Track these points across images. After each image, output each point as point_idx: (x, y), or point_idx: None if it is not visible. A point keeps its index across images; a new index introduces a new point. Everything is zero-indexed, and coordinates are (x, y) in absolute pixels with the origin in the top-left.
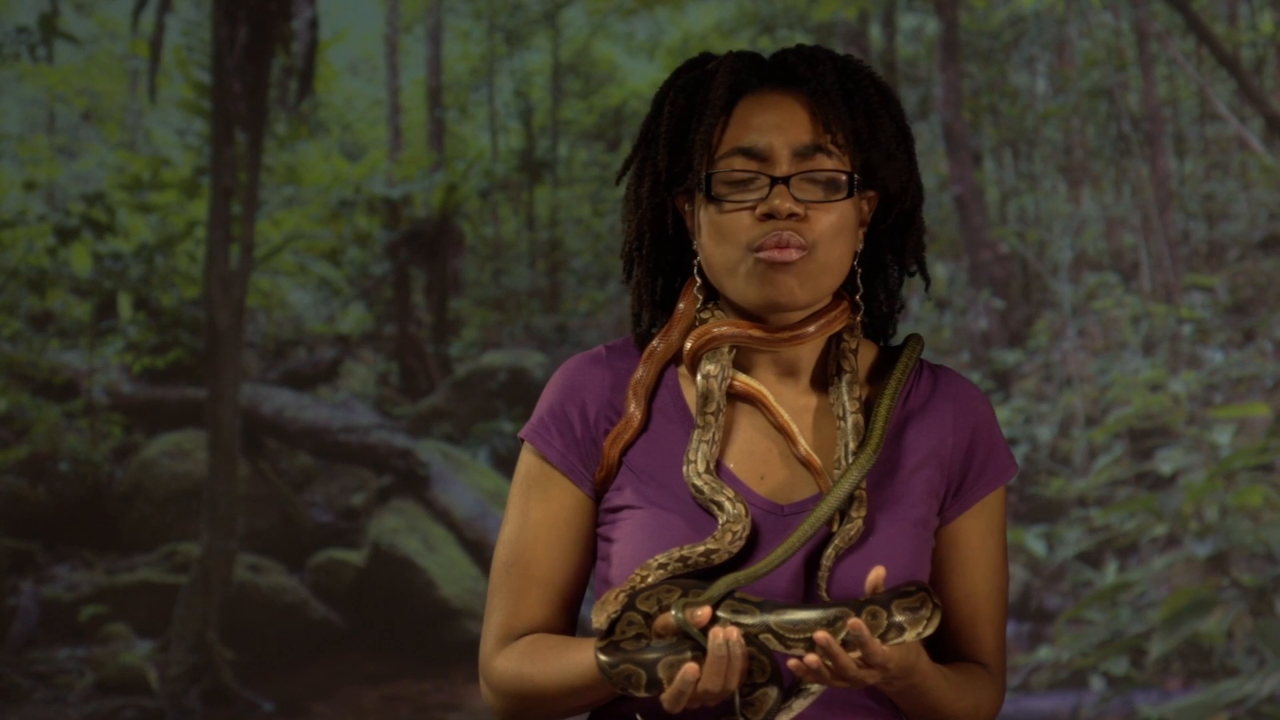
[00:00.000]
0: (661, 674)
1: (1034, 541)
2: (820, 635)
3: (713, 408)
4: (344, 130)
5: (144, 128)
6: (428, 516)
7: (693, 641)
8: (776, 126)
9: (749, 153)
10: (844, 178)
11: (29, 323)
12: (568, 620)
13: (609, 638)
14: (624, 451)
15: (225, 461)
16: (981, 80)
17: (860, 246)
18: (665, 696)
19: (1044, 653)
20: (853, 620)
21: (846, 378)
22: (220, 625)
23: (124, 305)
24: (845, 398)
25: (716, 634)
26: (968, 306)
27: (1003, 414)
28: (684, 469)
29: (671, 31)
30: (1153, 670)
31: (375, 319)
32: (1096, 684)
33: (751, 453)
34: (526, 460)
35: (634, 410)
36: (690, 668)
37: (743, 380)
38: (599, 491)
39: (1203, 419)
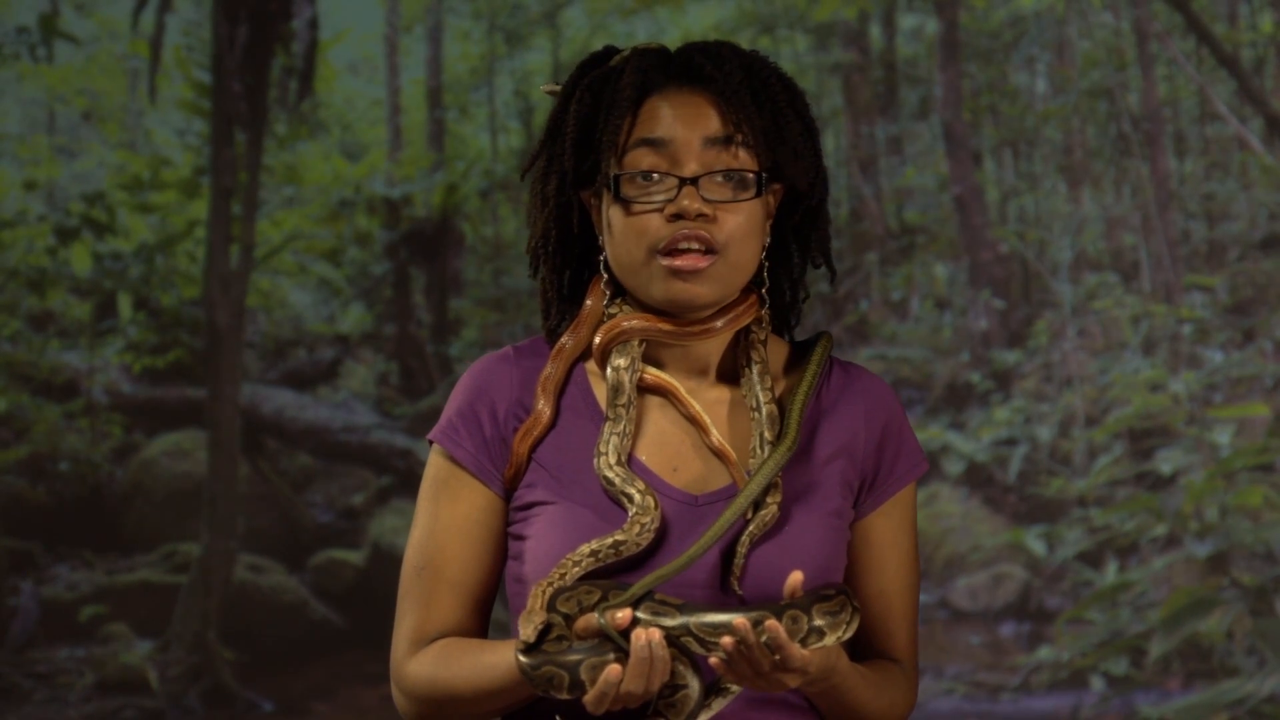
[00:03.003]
0: (584, 676)
1: (1034, 541)
2: (738, 620)
3: (623, 400)
4: (344, 130)
5: (144, 128)
6: None
7: (614, 643)
8: (683, 120)
9: (654, 143)
10: (752, 176)
11: (29, 323)
12: (480, 622)
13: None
14: (533, 448)
15: (225, 461)
16: (981, 80)
17: (768, 240)
18: (588, 699)
19: (1044, 653)
20: (769, 623)
21: (757, 368)
22: (220, 625)
23: (124, 305)
24: (758, 389)
25: (639, 636)
26: (968, 306)
27: (1002, 414)
28: (595, 461)
29: (672, 31)
30: (1153, 670)
31: (375, 319)
32: (1096, 684)
33: (664, 445)
34: (435, 462)
35: (543, 407)
36: (614, 669)
37: (653, 373)
38: (509, 490)
39: (1203, 419)
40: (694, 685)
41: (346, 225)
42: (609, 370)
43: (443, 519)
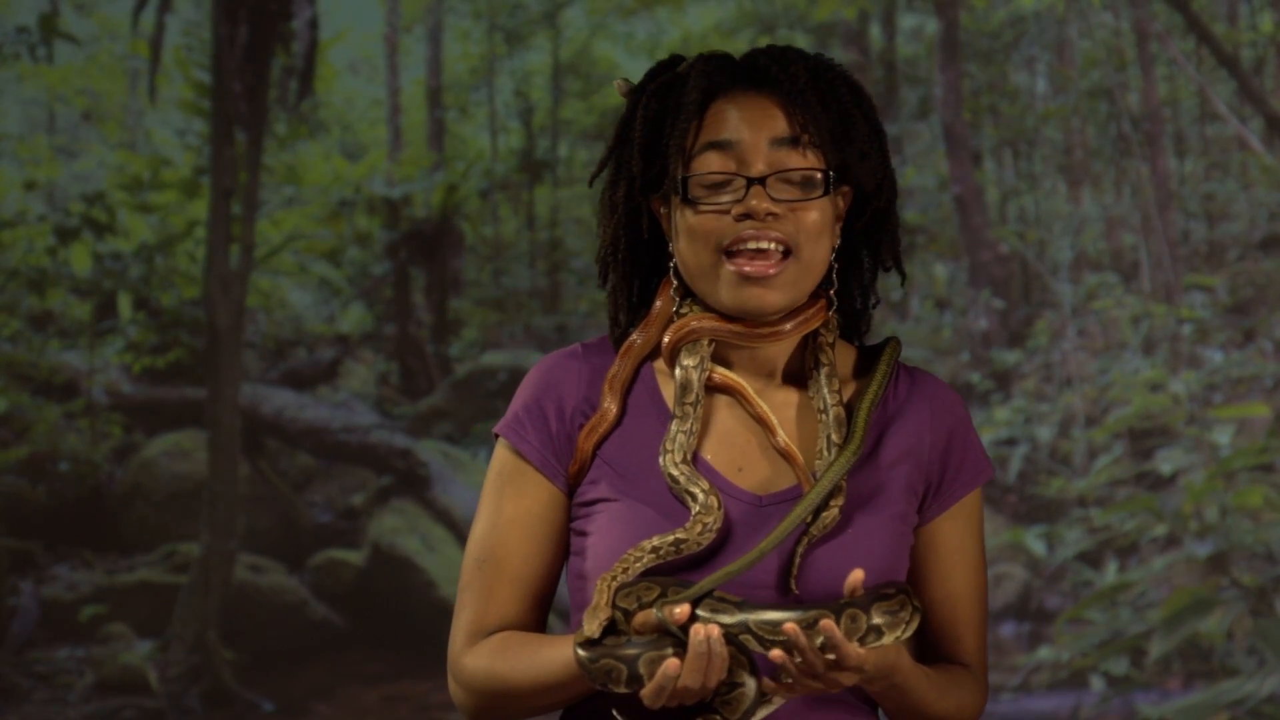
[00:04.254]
0: (642, 670)
1: (1034, 541)
2: (789, 626)
3: (691, 398)
4: (344, 130)
5: (144, 128)
6: (428, 516)
7: (673, 638)
8: (749, 121)
9: (721, 145)
10: (819, 175)
11: (29, 323)
12: (539, 617)
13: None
14: (598, 445)
15: (225, 461)
16: (981, 80)
17: (838, 242)
18: (645, 692)
19: (1044, 653)
20: (824, 622)
21: (825, 371)
22: (220, 625)
23: (124, 305)
24: (825, 391)
25: (698, 631)
26: (968, 306)
27: (1002, 414)
28: (661, 459)
29: (671, 31)
30: (1153, 670)
31: (375, 319)
32: (1096, 684)
33: (730, 444)
34: (501, 456)
35: (609, 405)
36: (672, 663)
37: (721, 373)
38: (572, 486)
39: (1203, 419)
40: (750, 684)
41: (346, 225)
42: (677, 369)
43: (506, 513)
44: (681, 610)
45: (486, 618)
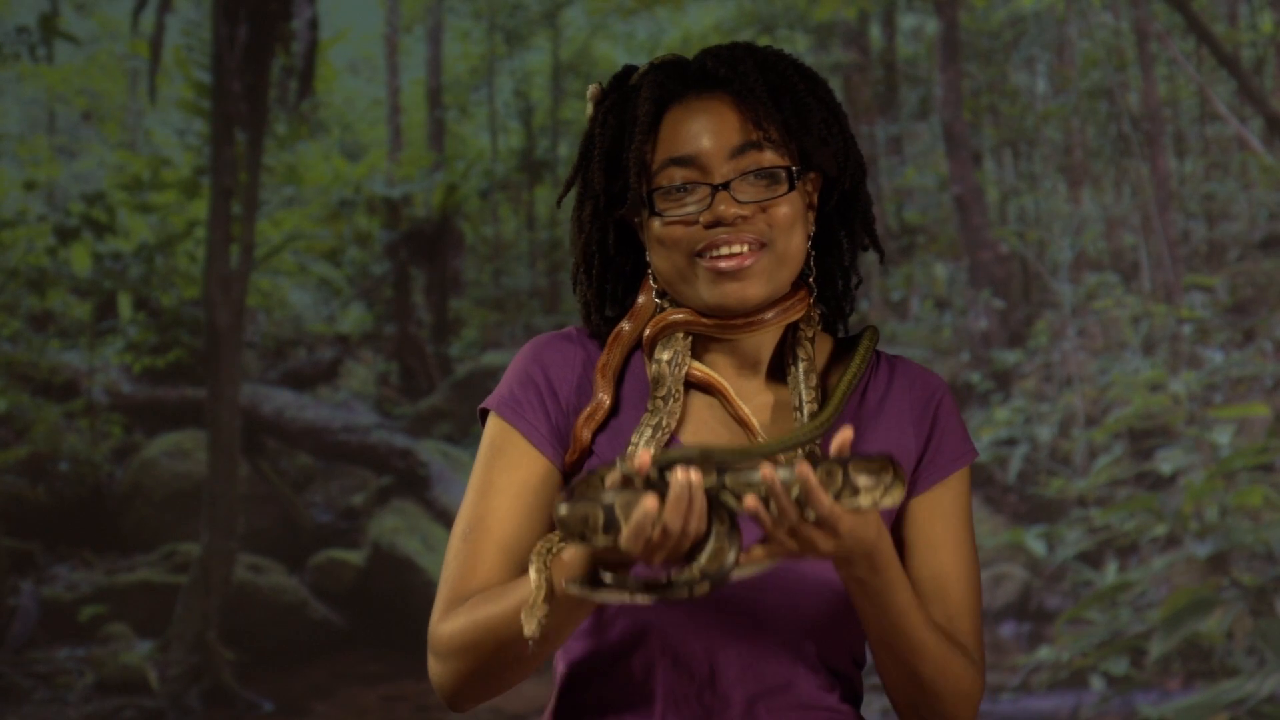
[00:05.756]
0: (619, 512)
1: (1034, 541)
2: (766, 472)
3: (663, 392)
4: (344, 130)
5: (144, 128)
6: (428, 516)
7: (651, 489)
8: (707, 130)
9: (682, 161)
10: (783, 172)
11: (29, 323)
12: None
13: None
14: (594, 435)
15: (225, 461)
16: (981, 80)
17: (812, 230)
18: (625, 535)
19: (1044, 653)
20: (800, 468)
21: (803, 366)
22: (220, 625)
23: (124, 305)
24: (802, 387)
25: (679, 474)
26: (968, 306)
27: (1002, 414)
28: (625, 450)
29: (671, 31)
30: (1153, 670)
31: (375, 319)
32: (1096, 684)
33: (711, 443)
34: (492, 431)
35: (603, 396)
36: (649, 501)
37: (702, 370)
38: (567, 473)
39: (1203, 419)
40: (729, 545)
41: (346, 225)
42: (652, 362)
43: (497, 483)
44: (641, 458)
45: (469, 583)
